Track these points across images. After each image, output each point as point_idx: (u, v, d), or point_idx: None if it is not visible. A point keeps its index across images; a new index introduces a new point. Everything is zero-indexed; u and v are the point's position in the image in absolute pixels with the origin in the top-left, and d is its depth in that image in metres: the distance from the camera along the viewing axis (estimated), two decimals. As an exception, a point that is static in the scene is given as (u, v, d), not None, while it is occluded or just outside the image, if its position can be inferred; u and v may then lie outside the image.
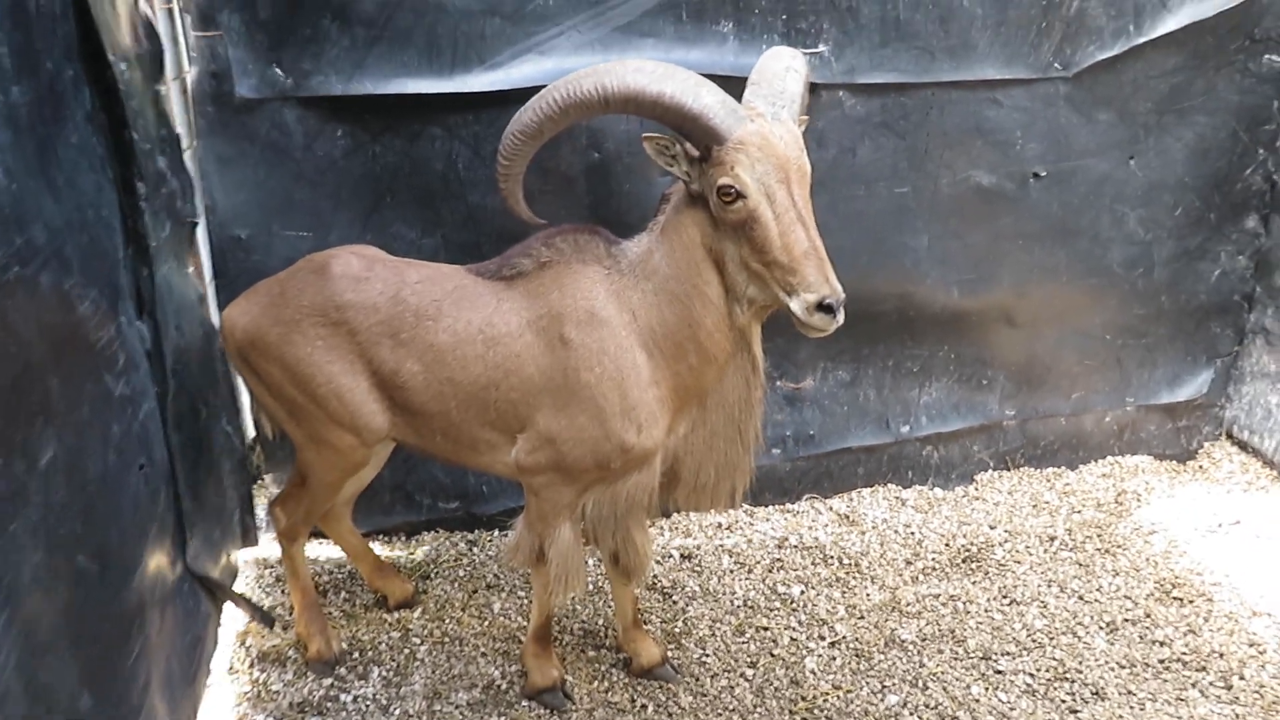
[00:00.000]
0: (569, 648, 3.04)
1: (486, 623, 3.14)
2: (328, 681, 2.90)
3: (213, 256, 3.22)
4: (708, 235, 2.29)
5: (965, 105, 3.50)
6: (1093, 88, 3.62)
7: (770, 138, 2.16)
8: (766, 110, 2.24)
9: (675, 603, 3.23)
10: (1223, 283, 4.07)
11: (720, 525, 3.68)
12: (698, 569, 3.42)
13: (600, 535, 2.65)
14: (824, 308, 2.11)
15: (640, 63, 2.19)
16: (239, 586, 3.28)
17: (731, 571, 3.41)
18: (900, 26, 3.31)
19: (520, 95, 3.01)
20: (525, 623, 3.10)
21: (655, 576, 3.35)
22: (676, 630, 3.10)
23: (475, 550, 3.50)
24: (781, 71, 2.33)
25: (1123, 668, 2.97)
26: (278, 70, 2.98)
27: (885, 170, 3.48)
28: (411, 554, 3.47)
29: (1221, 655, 3.00)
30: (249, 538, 3.43)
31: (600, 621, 3.16)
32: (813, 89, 3.32)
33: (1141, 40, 3.60)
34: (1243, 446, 4.27)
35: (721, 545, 3.56)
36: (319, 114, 3.07)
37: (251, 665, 2.95)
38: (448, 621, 3.14)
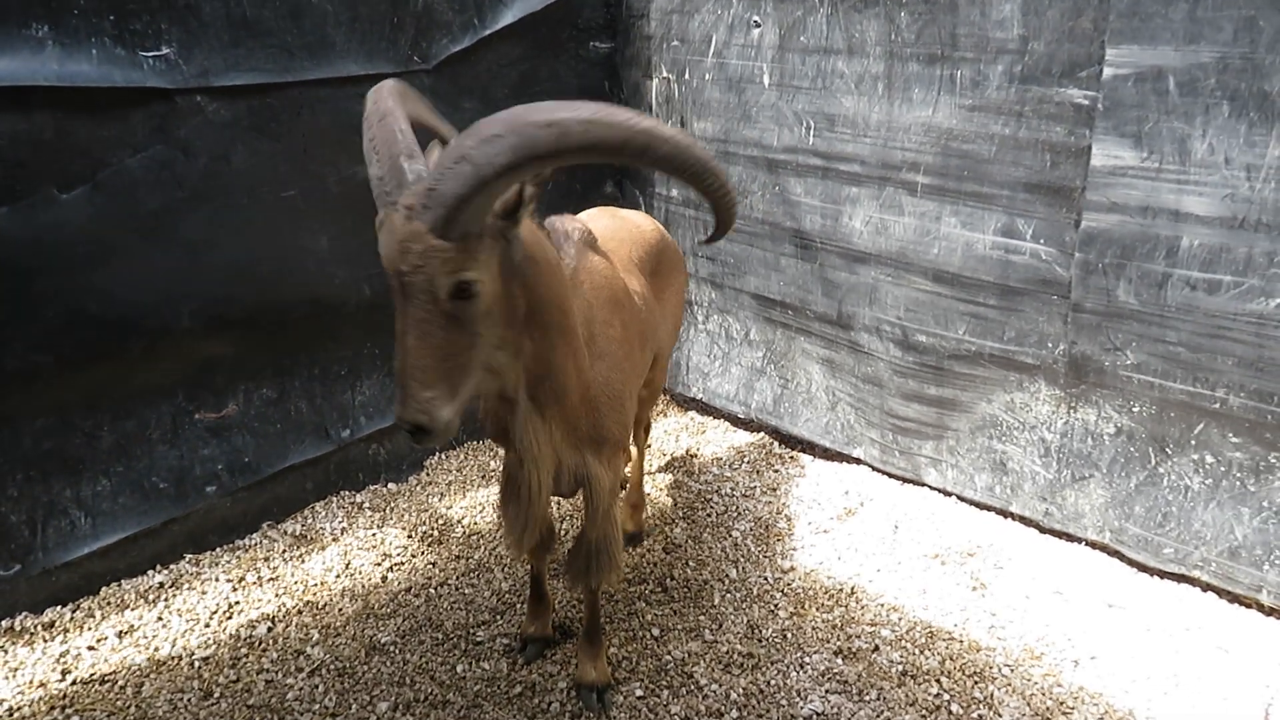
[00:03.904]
0: None
1: None
2: None
3: None
4: None
5: (336, 102, 3.48)
6: (454, 78, 3.83)
7: None
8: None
9: (122, 688, 2.81)
10: (598, 243, 4.63)
11: (162, 585, 3.28)
12: (143, 641, 3.02)
13: None
14: None
15: None
16: None
17: (185, 632, 3.06)
18: (250, 25, 3.18)
19: None
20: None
21: (91, 665, 2.89)
22: (130, 718, 2.70)
23: None
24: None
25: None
26: None
27: (266, 175, 3.34)
28: None
29: (655, 565, 3.44)
30: None
31: None
32: (165, 95, 3.06)
33: (487, 32, 3.90)
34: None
35: (168, 607, 3.18)
36: None
37: None
38: None
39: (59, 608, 3.14)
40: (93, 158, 2.96)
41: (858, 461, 4.09)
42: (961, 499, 3.75)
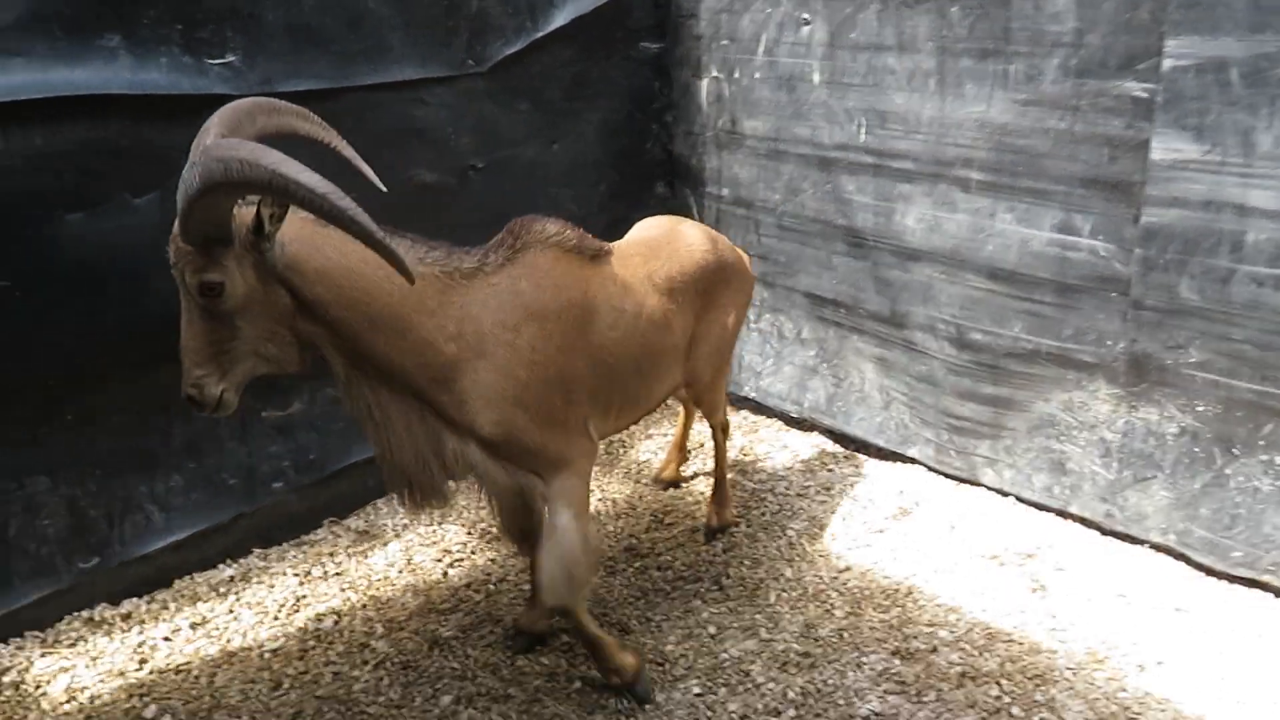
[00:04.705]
0: None
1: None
2: None
3: None
4: None
5: (392, 106, 3.56)
6: (507, 80, 3.89)
7: None
8: None
9: (196, 678, 2.91)
10: (649, 243, 4.65)
11: (232, 579, 3.38)
12: (215, 633, 3.11)
13: None
14: None
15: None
16: None
17: (255, 625, 3.15)
18: (310, 32, 3.26)
19: None
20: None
21: (167, 655, 2.99)
22: (204, 706, 2.79)
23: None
24: None
25: (639, 599, 3.28)
26: None
27: (326, 178, 3.40)
28: None
29: (711, 563, 3.46)
30: None
31: None
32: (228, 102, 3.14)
33: (540, 35, 3.95)
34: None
35: (238, 600, 3.27)
36: None
37: None
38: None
39: (135, 599, 3.25)
40: (163, 164, 3.04)
41: (912, 461, 4.07)
42: (1019, 499, 3.72)
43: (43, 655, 2.97)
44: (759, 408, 4.67)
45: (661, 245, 3.03)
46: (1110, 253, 3.19)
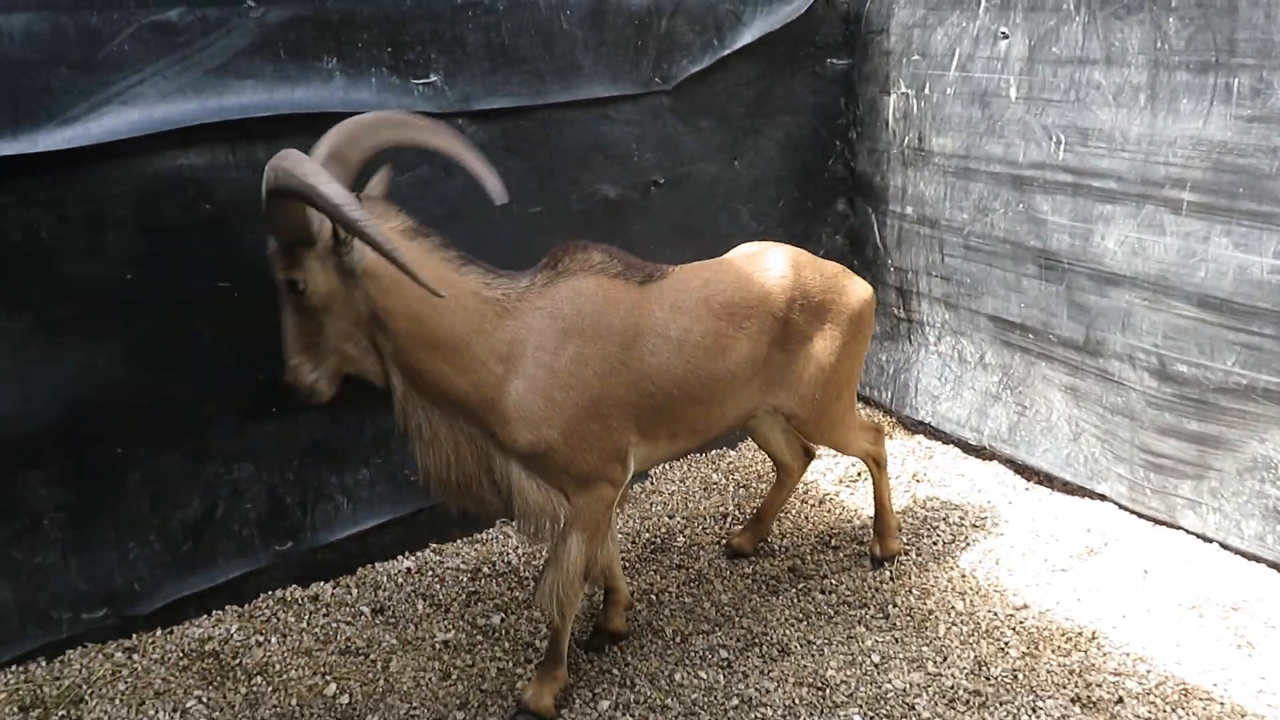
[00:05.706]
0: None
1: (158, 737, 2.80)
2: None
3: None
4: None
5: (581, 123, 3.66)
6: (692, 98, 3.93)
7: None
8: None
9: (373, 662, 3.07)
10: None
11: (409, 571, 3.55)
12: (392, 621, 3.28)
13: None
14: None
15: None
16: None
17: (428, 615, 3.30)
18: (507, 52, 3.40)
19: (104, 151, 2.76)
20: (206, 725, 2.81)
21: (348, 638, 3.17)
22: (379, 689, 2.94)
23: (136, 658, 3.11)
24: None
25: (801, 620, 3.23)
26: None
27: (515, 192, 3.50)
28: (57, 679, 3.01)
29: (877, 589, 3.36)
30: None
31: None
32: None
33: (726, 52, 3.97)
34: (866, 401, 4.83)
35: (414, 591, 3.44)
36: None
37: None
38: (112, 746, 2.76)
39: (322, 583, 3.47)
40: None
41: (1102, 498, 3.81)
42: (1224, 546, 3.42)
43: (239, 629, 3.22)
44: (934, 433, 4.50)
45: (731, 270, 2.95)
46: (1343, 282, 2.90)
